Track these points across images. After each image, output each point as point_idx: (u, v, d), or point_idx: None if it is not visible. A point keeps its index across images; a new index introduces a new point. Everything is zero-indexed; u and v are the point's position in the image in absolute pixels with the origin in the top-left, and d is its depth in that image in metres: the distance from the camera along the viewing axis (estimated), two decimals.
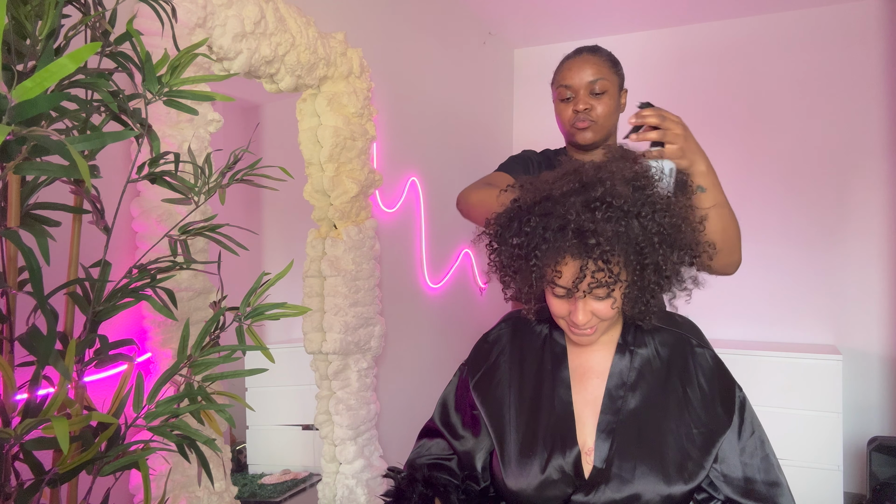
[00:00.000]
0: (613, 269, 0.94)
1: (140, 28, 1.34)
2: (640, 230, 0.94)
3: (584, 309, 0.99)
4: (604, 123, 1.55)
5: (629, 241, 0.94)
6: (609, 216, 0.93)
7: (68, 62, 0.58)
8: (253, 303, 0.99)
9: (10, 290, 0.84)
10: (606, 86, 1.54)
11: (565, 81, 1.57)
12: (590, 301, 0.99)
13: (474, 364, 1.20)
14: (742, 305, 3.43)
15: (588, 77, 1.54)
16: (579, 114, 1.55)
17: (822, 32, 3.29)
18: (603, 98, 1.54)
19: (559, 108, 1.60)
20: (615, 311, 1.00)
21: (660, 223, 0.96)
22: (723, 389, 1.08)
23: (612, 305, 0.98)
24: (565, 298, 0.99)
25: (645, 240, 0.95)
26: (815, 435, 2.91)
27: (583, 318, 0.99)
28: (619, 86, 1.59)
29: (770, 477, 1.06)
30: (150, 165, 0.97)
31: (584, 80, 1.54)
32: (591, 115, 1.54)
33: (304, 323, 2.11)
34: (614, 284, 0.95)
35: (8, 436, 0.70)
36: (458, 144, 3.21)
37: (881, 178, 3.19)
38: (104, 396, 1.30)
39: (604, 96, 1.54)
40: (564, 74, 1.58)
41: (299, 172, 2.08)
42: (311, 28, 1.91)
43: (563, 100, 1.58)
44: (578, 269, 0.94)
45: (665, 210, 0.97)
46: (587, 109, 1.54)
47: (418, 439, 1.26)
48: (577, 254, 0.93)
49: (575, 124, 1.56)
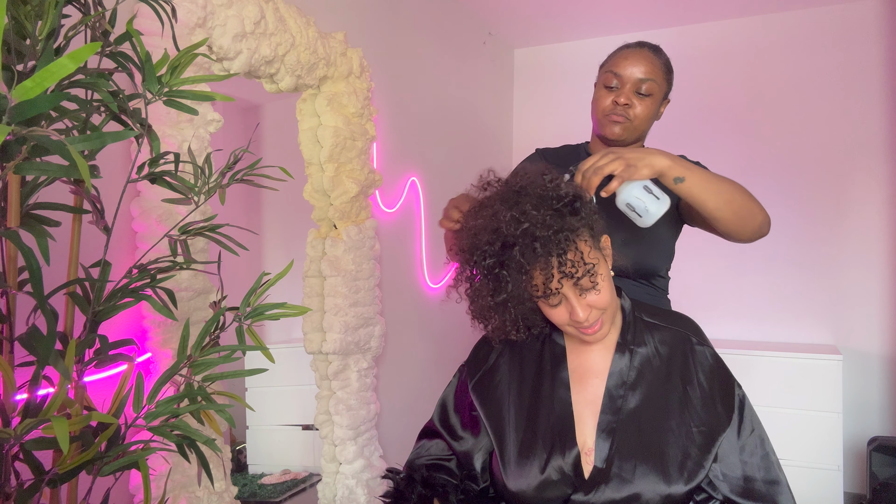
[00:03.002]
0: (579, 254, 0.96)
1: (140, 28, 1.34)
2: (575, 220, 0.98)
3: (579, 305, 0.99)
4: (638, 126, 1.48)
5: (572, 227, 0.97)
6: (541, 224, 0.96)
7: (68, 62, 0.58)
8: (253, 303, 0.99)
9: (10, 290, 0.84)
10: (654, 89, 1.46)
11: (616, 69, 1.47)
12: (585, 294, 1.00)
13: (474, 365, 1.20)
14: (742, 305, 3.43)
15: (639, 74, 1.45)
16: (618, 106, 1.46)
17: (822, 32, 3.29)
18: (646, 100, 1.46)
19: (599, 94, 1.51)
20: (610, 298, 1.02)
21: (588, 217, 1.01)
22: (723, 387, 1.08)
23: (601, 291, 1.00)
24: (559, 306, 1.01)
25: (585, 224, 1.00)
26: (815, 435, 2.90)
27: (583, 314, 0.99)
28: (665, 94, 1.52)
29: (770, 475, 1.06)
30: (150, 165, 0.97)
31: (635, 76, 1.45)
32: (628, 113, 1.46)
33: (304, 323, 2.11)
34: (593, 269, 0.97)
35: (8, 436, 0.70)
36: (458, 144, 3.21)
37: (881, 178, 3.19)
38: (104, 396, 1.30)
39: (648, 99, 1.46)
40: (618, 62, 1.48)
41: (299, 172, 2.08)
42: (311, 28, 1.91)
43: (607, 86, 1.48)
44: (546, 270, 0.95)
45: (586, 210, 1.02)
46: (627, 105, 1.46)
47: (418, 440, 1.26)
48: (534, 258, 0.95)
49: (610, 115, 1.47)
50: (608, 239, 1.08)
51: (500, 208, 0.98)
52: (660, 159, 1.20)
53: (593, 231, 1.02)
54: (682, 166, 1.22)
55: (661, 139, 3.46)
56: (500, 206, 0.99)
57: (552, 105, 3.80)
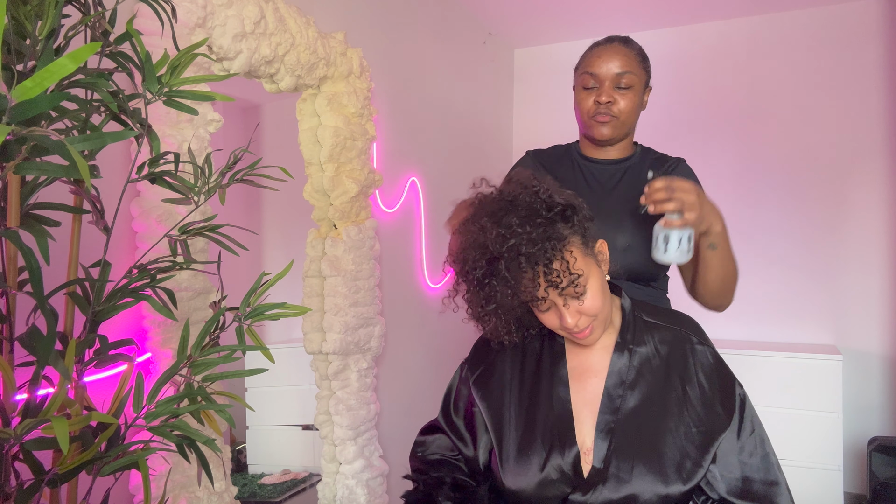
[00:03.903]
0: (565, 264, 0.97)
1: (140, 28, 1.34)
2: (565, 228, 0.99)
3: (567, 312, 1.01)
4: (625, 120, 1.46)
5: (559, 236, 0.97)
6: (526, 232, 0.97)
7: (68, 62, 0.58)
8: (253, 303, 0.99)
9: (10, 290, 0.84)
10: (633, 80, 1.44)
11: (591, 69, 1.46)
12: (571, 302, 1.00)
13: (474, 362, 1.20)
14: (742, 305, 3.41)
15: (616, 69, 1.44)
16: (601, 106, 1.45)
17: (822, 32, 3.29)
18: (628, 93, 1.45)
19: (580, 96, 1.49)
20: (600, 304, 1.02)
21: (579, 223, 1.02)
22: (723, 387, 1.08)
23: (590, 298, 1.00)
24: (549, 311, 1.02)
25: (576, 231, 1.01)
26: (815, 435, 2.90)
27: (571, 320, 1.01)
28: (645, 82, 1.49)
29: (769, 476, 1.05)
30: (150, 165, 0.97)
31: (612, 72, 1.44)
32: (612, 110, 1.45)
33: (304, 323, 2.11)
34: (578, 279, 0.97)
35: (8, 436, 0.70)
36: (458, 144, 3.21)
37: (881, 178, 3.19)
38: (104, 396, 1.30)
39: (629, 91, 1.45)
40: (592, 61, 1.47)
41: (299, 172, 2.08)
42: (311, 28, 1.91)
43: (585, 88, 1.48)
44: (533, 280, 0.97)
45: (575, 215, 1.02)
46: (610, 103, 1.44)
47: (421, 434, 1.27)
48: (519, 272, 0.96)
49: (595, 117, 1.46)
50: (604, 244, 1.08)
51: (487, 224, 0.99)
52: (719, 223, 1.27)
53: (585, 238, 1.03)
54: (725, 237, 1.29)
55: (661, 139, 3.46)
56: (486, 222, 0.99)
57: (552, 105, 3.80)
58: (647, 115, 4.03)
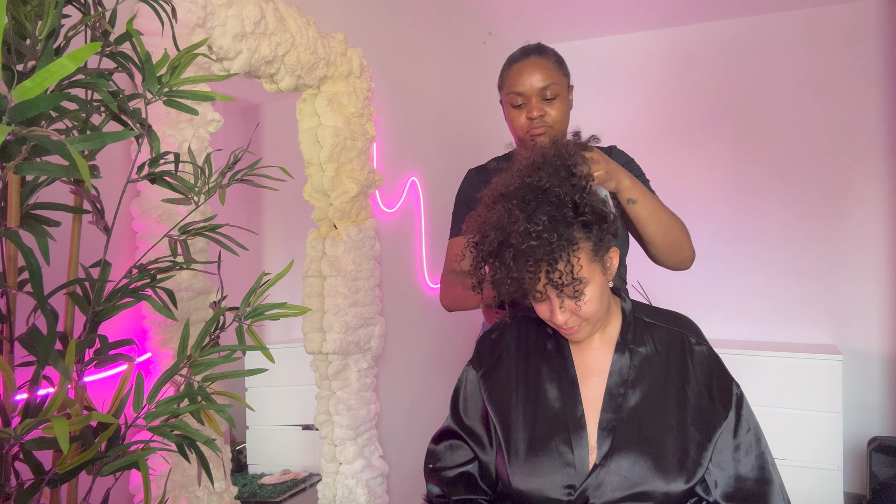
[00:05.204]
0: (569, 267, 0.97)
1: (140, 28, 1.34)
2: (581, 234, 1.00)
3: (560, 310, 1.02)
4: (559, 127, 1.52)
5: (572, 240, 0.97)
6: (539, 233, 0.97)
7: (68, 62, 0.58)
8: (253, 303, 0.99)
9: (10, 290, 0.84)
10: (558, 89, 1.50)
11: (516, 88, 1.51)
12: (567, 302, 1.02)
13: (480, 362, 1.20)
14: (742, 305, 3.43)
15: (539, 83, 1.49)
16: (534, 121, 1.50)
17: (822, 32, 3.29)
18: (555, 102, 1.51)
19: (511, 115, 1.55)
20: (595, 310, 1.03)
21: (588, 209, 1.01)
22: (720, 386, 1.09)
23: (586, 303, 1.01)
24: (543, 302, 1.03)
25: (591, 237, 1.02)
26: (815, 435, 2.91)
27: (561, 319, 1.03)
28: (567, 86, 1.56)
29: (763, 475, 1.06)
30: (150, 165, 0.97)
31: (536, 87, 1.49)
32: (545, 122, 1.50)
33: (304, 323, 2.11)
34: (579, 284, 0.98)
35: (8, 436, 0.70)
36: (458, 144, 3.21)
37: (881, 178, 3.19)
38: (104, 396, 1.30)
39: (556, 100, 1.51)
40: (514, 81, 1.52)
41: (299, 172, 2.08)
42: (311, 28, 1.91)
43: (514, 106, 1.53)
44: (534, 273, 0.98)
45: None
46: (542, 116, 1.50)
47: (433, 442, 1.25)
48: (524, 268, 0.97)
49: (530, 131, 1.52)
50: (616, 253, 1.07)
51: (516, 212, 0.98)
52: (624, 179, 1.30)
53: (598, 246, 1.02)
54: (639, 191, 1.32)
55: (661, 138, 3.46)
56: (515, 208, 0.99)
57: None
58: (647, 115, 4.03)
